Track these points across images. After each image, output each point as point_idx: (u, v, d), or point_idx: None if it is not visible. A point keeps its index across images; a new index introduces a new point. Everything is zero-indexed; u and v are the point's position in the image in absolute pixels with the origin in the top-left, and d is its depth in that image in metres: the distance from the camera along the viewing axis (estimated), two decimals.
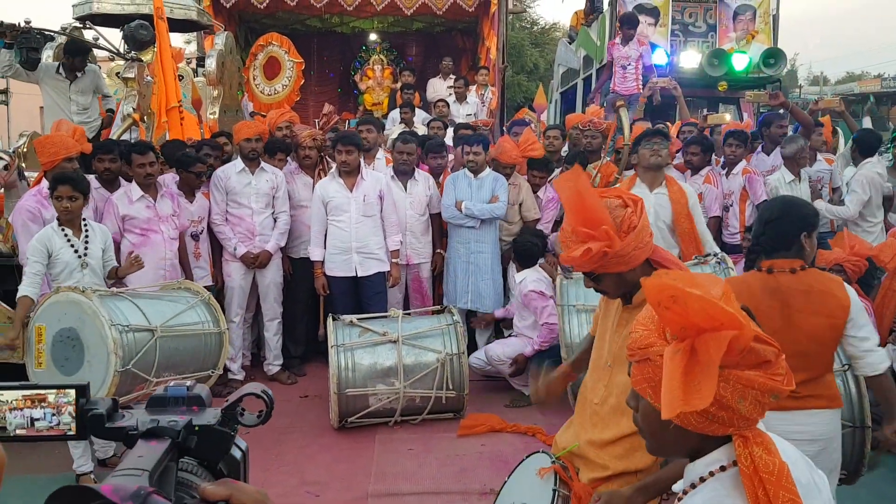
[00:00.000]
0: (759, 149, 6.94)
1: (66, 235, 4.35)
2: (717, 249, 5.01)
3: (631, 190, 4.80)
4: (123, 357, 3.88)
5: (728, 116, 9.90)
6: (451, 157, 6.72)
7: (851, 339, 2.77)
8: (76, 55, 6.73)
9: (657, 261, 2.28)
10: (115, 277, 4.60)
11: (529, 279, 5.38)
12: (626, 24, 8.67)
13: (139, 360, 3.98)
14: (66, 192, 4.27)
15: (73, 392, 1.07)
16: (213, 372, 4.50)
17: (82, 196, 4.35)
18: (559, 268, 5.05)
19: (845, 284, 2.81)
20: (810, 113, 7.37)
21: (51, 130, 5.47)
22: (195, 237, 5.61)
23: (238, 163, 5.80)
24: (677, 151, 6.50)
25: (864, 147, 6.36)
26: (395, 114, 9.32)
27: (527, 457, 2.63)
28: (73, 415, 1.07)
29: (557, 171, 6.46)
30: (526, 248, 5.57)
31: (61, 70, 6.73)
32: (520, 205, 6.12)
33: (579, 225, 2.14)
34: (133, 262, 4.56)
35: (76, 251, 4.36)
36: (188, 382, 1.13)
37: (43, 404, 1.07)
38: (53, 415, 1.07)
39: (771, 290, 2.72)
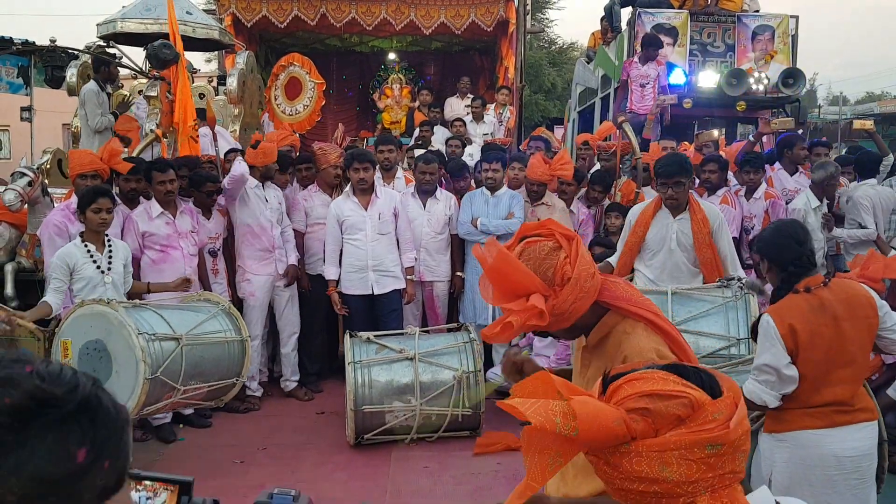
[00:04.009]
0: (780, 167, 6.88)
1: (88, 251, 4.43)
2: (742, 273, 4.76)
3: (655, 214, 4.65)
4: (152, 365, 3.90)
5: (716, 133, 9.82)
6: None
7: (889, 330, 2.83)
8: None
9: (607, 301, 2.03)
10: (136, 293, 4.66)
11: None
12: (651, 46, 8.62)
13: (166, 368, 4.01)
14: (106, 204, 4.42)
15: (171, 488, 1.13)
16: (237, 380, 4.52)
17: (113, 209, 4.51)
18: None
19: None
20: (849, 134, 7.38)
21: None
22: (213, 254, 5.65)
23: (251, 180, 5.80)
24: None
25: (863, 168, 6.39)
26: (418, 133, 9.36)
27: None
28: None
29: (583, 190, 6.46)
30: None
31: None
32: None
33: (506, 301, 1.90)
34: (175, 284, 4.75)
35: (98, 266, 4.43)
36: (293, 492, 1.20)
37: (139, 487, 1.12)
38: (148, 498, 1.12)
39: (818, 309, 2.77)
